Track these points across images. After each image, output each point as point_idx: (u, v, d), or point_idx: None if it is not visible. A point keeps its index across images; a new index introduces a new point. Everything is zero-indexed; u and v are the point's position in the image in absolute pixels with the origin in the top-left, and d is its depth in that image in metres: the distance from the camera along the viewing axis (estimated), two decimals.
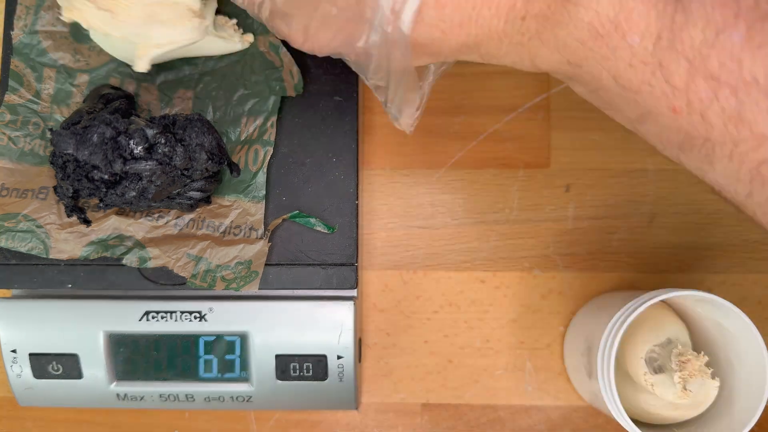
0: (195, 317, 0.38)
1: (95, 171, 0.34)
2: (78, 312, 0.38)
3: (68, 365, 0.38)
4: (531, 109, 0.44)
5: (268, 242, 0.37)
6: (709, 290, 0.43)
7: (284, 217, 0.37)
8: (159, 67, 0.39)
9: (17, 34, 0.39)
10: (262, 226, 0.37)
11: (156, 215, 0.37)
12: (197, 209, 0.38)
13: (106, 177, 0.34)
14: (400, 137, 0.44)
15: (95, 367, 0.38)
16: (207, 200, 0.37)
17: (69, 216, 0.37)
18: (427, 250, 0.44)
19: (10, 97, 0.38)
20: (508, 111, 0.44)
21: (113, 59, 0.38)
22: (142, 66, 0.35)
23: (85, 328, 0.38)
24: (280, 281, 0.37)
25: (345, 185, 0.38)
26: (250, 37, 0.38)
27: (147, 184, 0.34)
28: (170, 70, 0.39)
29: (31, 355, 0.38)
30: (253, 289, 0.36)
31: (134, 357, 0.38)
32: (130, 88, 0.38)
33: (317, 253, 0.37)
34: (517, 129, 0.44)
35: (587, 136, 0.44)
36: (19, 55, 0.39)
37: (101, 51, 0.38)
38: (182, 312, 0.38)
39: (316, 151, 0.38)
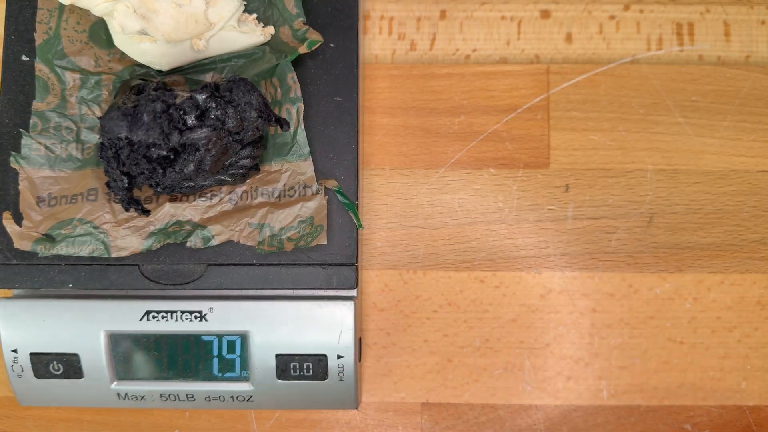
0: (195, 317, 0.38)
1: (152, 150, 0.34)
2: (79, 311, 0.38)
3: (69, 365, 0.38)
4: (530, 109, 0.44)
5: (325, 196, 0.37)
6: (708, 290, 0.44)
7: (336, 184, 0.38)
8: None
9: (41, 36, 0.38)
10: (315, 182, 0.37)
11: (209, 194, 0.37)
12: (248, 180, 0.38)
13: (164, 153, 0.34)
14: (400, 137, 0.44)
15: (96, 366, 0.38)
16: (256, 168, 0.37)
17: (126, 209, 0.36)
18: (427, 250, 0.44)
19: (37, 105, 0.38)
20: (508, 111, 0.44)
21: (133, 62, 0.38)
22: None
23: (85, 327, 0.38)
24: (280, 281, 0.37)
25: (345, 185, 0.38)
26: (271, 29, 0.38)
27: (204, 153, 0.34)
28: (192, 67, 0.39)
29: (31, 354, 0.38)
30: (321, 242, 0.37)
31: (135, 356, 0.38)
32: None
33: (317, 253, 0.38)
34: (516, 129, 0.44)
35: (587, 136, 0.44)
36: (43, 59, 0.38)
37: (122, 56, 0.38)
38: (183, 312, 0.38)
39: (316, 151, 0.38)
